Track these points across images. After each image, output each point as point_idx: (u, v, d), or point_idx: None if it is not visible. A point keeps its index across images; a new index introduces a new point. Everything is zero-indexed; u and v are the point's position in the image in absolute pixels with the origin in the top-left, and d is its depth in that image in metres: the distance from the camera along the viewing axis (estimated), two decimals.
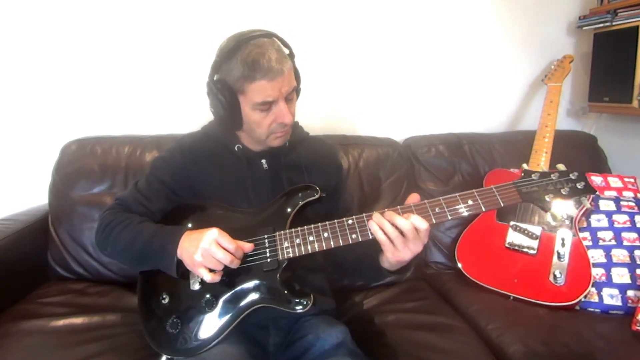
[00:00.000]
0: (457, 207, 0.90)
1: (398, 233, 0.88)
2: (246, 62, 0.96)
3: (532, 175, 0.89)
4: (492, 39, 1.93)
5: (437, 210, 0.90)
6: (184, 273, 1.00)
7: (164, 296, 1.04)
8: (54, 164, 1.52)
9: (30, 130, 1.67)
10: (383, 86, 1.88)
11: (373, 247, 0.96)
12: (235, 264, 0.94)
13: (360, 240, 0.93)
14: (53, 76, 1.65)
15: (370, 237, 0.93)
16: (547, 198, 0.87)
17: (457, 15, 1.88)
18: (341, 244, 0.94)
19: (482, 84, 1.96)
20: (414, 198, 0.94)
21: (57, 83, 1.66)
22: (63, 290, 1.39)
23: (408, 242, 0.89)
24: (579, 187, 0.87)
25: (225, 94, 0.99)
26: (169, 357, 1.02)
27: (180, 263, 0.97)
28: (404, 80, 1.89)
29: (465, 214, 0.90)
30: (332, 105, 1.85)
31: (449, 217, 0.90)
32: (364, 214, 0.94)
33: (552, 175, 0.88)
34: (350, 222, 0.94)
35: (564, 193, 0.87)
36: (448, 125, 1.91)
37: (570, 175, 0.88)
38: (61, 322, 1.22)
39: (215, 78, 1.03)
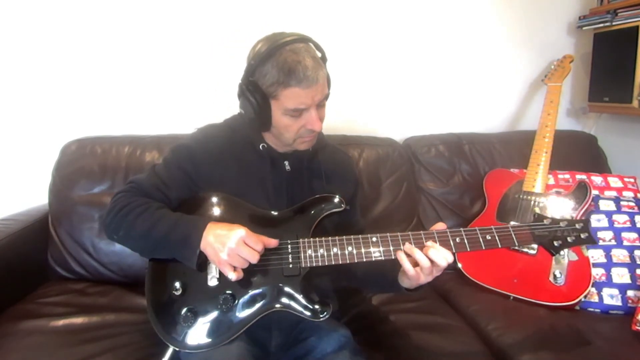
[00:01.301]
0: (475, 239, 0.96)
1: (430, 264, 0.92)
2: (282, 68, 0.95)
3: (544, 221, 1.00)
4: (492, 39, 1.93)
5: (457, 240, 0.96)
6: (201, 265, 0.98)
7: (177, 287, 1.01)
8: (54, 164, 1.51)
9: (30, 130, 1.67)
10: (383, 86, 1.88)
11: (387, 265, 0.98)
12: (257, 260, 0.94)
13: (382, 258, 0.96)
14: (53, 76, 1.65)
15: (393, 257, 0.95)
16: (555, 244, 0.97)
17: (458, 16, 1.88)
18: (364, 260, 0.96)
19: (482, 84, 1.96)
20: (440, 226, 0.98)
21: (57, 83, 1.66)
22: (63, 290, 1.39)
23: (433, 271, 0.93)
24: (583, 237, 0.98)
25: (257, 97, 0.99)
26: (176, 349, 1.00)
27: (199, 255, 0.95)
28: (404, 80, 1.89)
29: (484, 247, 0.96)
30: (332, 105, 1.83)
31: (468, 249, 0.96)
32: (387, 234, 0.97)
33: (560, 223, 0.99)
34: (374, 239, 0.97)
35: (569, 240, 0.97)
36: (448, 125, 1.91)
37: (576, 225, 0.99)
38: (61, 322, 1.21)
39: (248, 80, 1.01)
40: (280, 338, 1.06)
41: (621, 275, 1.40)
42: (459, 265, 1.54)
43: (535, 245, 1.47)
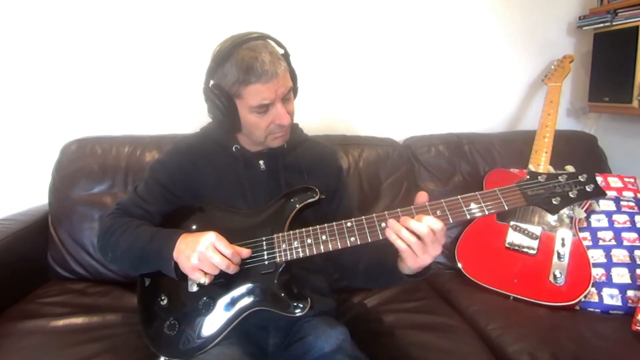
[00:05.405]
0: (459, 210, 0.86)
1: (416, 239, 0.84)
2: (240, 66, 0.96)
3: (539, 177, 0.85)
4: (492, 39, 1.93)
5: (438, 213, 0.87)
6: (183, 274, 0.99)
7: (163, 298, 1.04)
8: (54, 164, 1.52)
9: (30, 130, 1.67)
10: (383, 86, 1.88)
11: (388, 253, 0.95)
12: (232, 270, 0.93)
13: (359, 243, 0.93)
14: (53, 76, 1.65)
15: (369, 240, 0.92)
16: (554, 201, 0.83)
17: (457, 15, 1.88)
18: (339, 247, 0.93)
19: (482, 84, 1.96)
20: (422, 197, 0.90)
21: (57, 83, 1.66)
22: (63, 290, 1.39)
23: (427, 246, 0.85)
24: (589, 189, 0.83)
25: (222, 99, 1.00)
26: (167, 358, 1.02)
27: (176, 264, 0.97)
28: (403, 80, 1.89)
29: (468, 216, 0.86)
30: (332, 105, 1.85)
31: (451, 221, 0.87)
32: (363, 217, 0.94)
33: (559, 177, 0.85)
34: (349, 224, 0.94)
35: (572, 196, 0.83)
36: (448, 125, 1.91)
37: (580, 177, 0.85)
38: (61, 322, 1.21)
39: (211, 84, 1.03)
40: (278, 337, 1.07)
41: (621, 275, 1.40)
42: (459, 265, 1.54)
43: (535, 245, 1.47)
